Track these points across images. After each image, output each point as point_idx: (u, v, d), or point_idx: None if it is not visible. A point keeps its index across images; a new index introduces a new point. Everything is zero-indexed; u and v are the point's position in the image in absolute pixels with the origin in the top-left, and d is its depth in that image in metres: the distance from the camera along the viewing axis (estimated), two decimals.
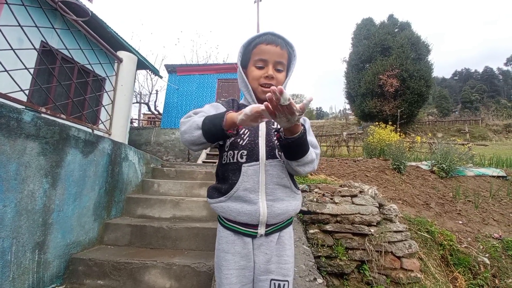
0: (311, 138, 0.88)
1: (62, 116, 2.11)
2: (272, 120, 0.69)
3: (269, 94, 0.59)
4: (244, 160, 0.85)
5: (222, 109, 0.92)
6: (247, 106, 0.83)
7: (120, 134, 2.74)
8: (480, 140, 18.69)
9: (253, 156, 0.85)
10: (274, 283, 0.83)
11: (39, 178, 1.65)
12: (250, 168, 0.84)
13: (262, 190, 0.83)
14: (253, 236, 0.85)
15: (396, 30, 19.19)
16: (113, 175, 2.41)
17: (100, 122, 2.62)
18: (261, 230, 0.84)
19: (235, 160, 0.86)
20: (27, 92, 1.90)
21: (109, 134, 2.67)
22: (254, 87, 0.92)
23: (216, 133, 0.75)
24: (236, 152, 0.86)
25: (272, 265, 0.85)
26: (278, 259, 0.86)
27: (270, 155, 0.86)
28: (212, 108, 0.92)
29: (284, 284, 0.84)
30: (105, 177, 2.28)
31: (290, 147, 0.75)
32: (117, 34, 6.04)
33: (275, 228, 0.87)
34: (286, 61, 0.91)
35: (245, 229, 0.85)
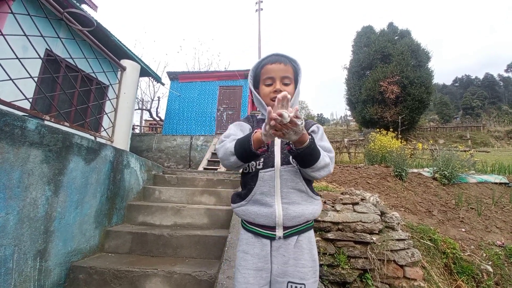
0: (324, 143, 0.95)
1: (66, 124, 2.14)
2: None
3: (272, 122, 0.65)
4: (261, 166, 0.93)
5: (245, 126, 1.02)
6: (263, 119, 0.96)
7: (122, 141, 2.76)
8: (482, 146, 18.62)
9: (269, 163, 0.93)
10: (291, 286, 0.87)
11: (41, 186, 1.66)
12: (266, 174, 0.92)
13: (278, 194, 0.90)
14: (272, 238, 0.91)
15: (396, 37, 19.37)
16: (115, 182, 2.42)
17: (102, 129, 2.65)
18: (279, 232, 0.90)
19: (253, 169, 0.95)
20: (31, 100, 1.93)
21: (111, 142, 2.69)
22: (267, 102, 1.00)
23: (249, 155, 0.82)
24: (256, 161, 0.95)
25: (290, 268, 0.88)
26: (295, 262, 0.89)
27: (284, 161, 0.93)
28: (238, 128, 1.00)
29: (300, 287, 0.87)
30: (107, 184, 2.29)
31: (301, 156, 0.81)
32: (120, 42, 6.14)
33: (293, 231, 0.91)
34: (292, 75, 1.00)
35: (263, 231, 0.91)
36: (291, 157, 0.92)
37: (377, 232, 2.16)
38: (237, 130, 0.99)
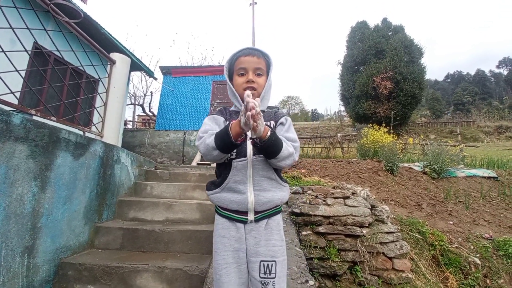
0: (290, 134, 1.02)
1: (53, 118, 2.09)
2: None
3: (253, 111, 0.73)
4: (234, 156, 0.98)
5: (219, 120, 1.07)
6: (237, 111, 1.08)
7: (112, 136, 2.72)
8: (472, 141, 18.99)
9: (241, 153, 0.98)
10: (263, 264, 0.94)
11: (28, 182, 1.63)
12: (239, 163, 0.97)
13: (250, 182, 0.96)
14: (244, 222, 0.98)
15: (389, 33, 19.45)
16: (105, 178, 2.39)
17: (92, 124, 2.60)
18: (251, 216, 0.97)
19: (227, 159, 0.99)
20: (18, 94, 1.87)
21: (101, 137, 2.65)
22: (240, 92, 1.05)
23: (229, 147, 0.89)
24: None
25: (261, 248, 0.96)
26: (266, 242, 0.97)
27: (256, 151, 0.98)
28: (213, 122, 1.05)
29: (272, 264, 0.95)
30: (97, 180, 2.26)
31: (265, 148, 0.88)
32: (111, 35, 5.99)
33: (263, 215, 0.99)
34: (264, 67, 1.06)
35: (237, 215, 0.98)
36: None
37: (367, 225, 2.19)
38: (212, 124, 1.04)
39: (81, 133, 2.28)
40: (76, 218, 2.02)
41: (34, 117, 2.25)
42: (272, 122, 1.07)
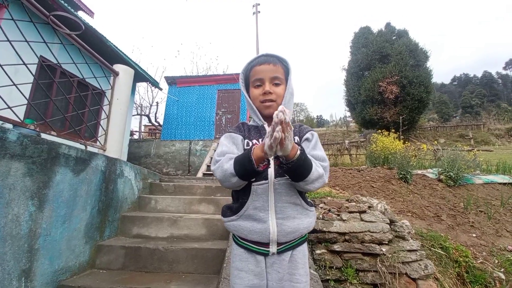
0: (317, 152, 0.90)
1: (53, 132, 2.02)
2: None
3: (276, 133, 0.62)
4: (253, 179, 0.86)
5: (237, 139, 0.94)
6: (256, 126, 0.98)
7: (115, 149, 2.64)
8: (483, 145, 18.50)
9: (262, 175, 0.85)
10: None
11: (24, 201, 1.54)
12: (260, 187, 0.86)
13: (272, 209, 0.85)
14: (266, 255, 0.86)
15: (393, 37, 19.33)
16: (107, 193, 2.29)
17: (94, 137, 2.53)
18: (273, 248, 0.85)
19: None
20: (21, 108, 1.81)
21: (104, 150, 2.57)
22: (257, 105, 0.96)
23: (250, 174, 0.79)
24: None
25: (285, 283, 0.85)
26: (290, 277, 0.86)
27: (278, 173, 0.87)
28: (230, 142, 0.93)
29: None
30: (98, 196, 2.16)
31: (293, 170, 0.76)
32: (116, 47, 6.04)
33: (287, 246, 0.87)
34: (282, 75, 0.95)
35: (257, 247, 0.86)
36: None
37: (386, 242, 2.02)
38: (229, 145, 0.92)
39: (83, 147, 2.21)
40: (76, 237, 1.92)
41: (28, 131, 2.19)
42: (297, 138, 0.94)
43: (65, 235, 1.82)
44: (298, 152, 0.74)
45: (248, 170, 0.76)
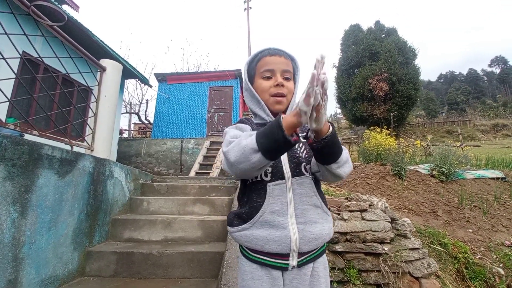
0: None
1: (35, 132, 1.87)
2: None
3: (323, 76, 0.51)
4: (268, 178, 0.75)
5: (246, 128, 0.81)
6: (263, 124, 0.83)
7: (104, 149, 2.50)
8: (469, 140, 19.03)
9: (277, 174, 0.75)
10: None
11: (6, 207, 1.41)
12: (276, 188, 0.74)
13: (291, 212, 0.73)
14: (284, 269, 0.73)
15: (383, 35, 19.56)
16: (96, 196, 2.17)
17: (81, 137, 2.39)
18: (293, 260, 0.72)
19: (259, 179, 0.76)
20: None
21: (92, 150, 2.43)
22: (265, 99, 0.84)
23: (280, 148, 0.61)
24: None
25: None
26: None
27: (296, 172, 0.77)
28: (239, 130, 0.79)
29: None
30: (86, 199, 2.04)
31: (327, 148, 0.65)
32: (103, 42, 5.80)
33: (308, 257, 0.75)
34: (291, 70, 0.87)
35: (274, 260, 0.72)
36: (303, 165, 0.78)
37: (388, 241, 1.98)
38: (238, 131, 0.78)
39: (69, 147, 2.07)
40: (63, 243, 1.80)
41: (9, 132, 2.03)
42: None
43: (51, 242, 1.69)
44: (331, 127, 0.64)
45: (277, 140, 0.58)
